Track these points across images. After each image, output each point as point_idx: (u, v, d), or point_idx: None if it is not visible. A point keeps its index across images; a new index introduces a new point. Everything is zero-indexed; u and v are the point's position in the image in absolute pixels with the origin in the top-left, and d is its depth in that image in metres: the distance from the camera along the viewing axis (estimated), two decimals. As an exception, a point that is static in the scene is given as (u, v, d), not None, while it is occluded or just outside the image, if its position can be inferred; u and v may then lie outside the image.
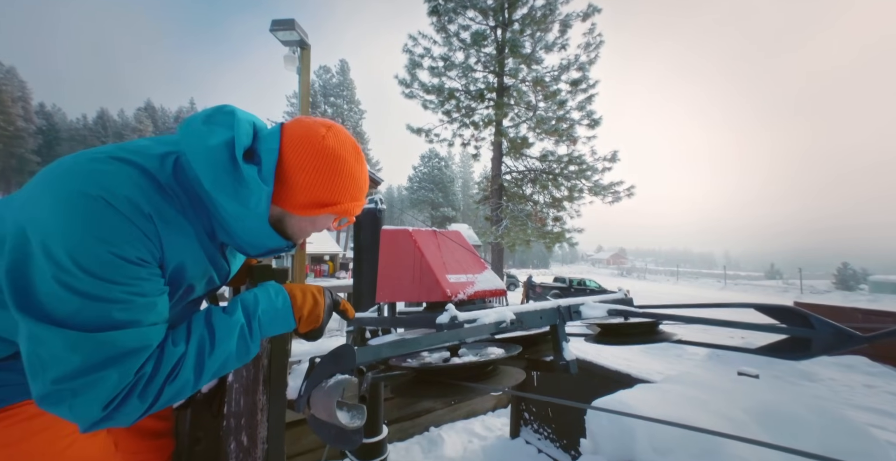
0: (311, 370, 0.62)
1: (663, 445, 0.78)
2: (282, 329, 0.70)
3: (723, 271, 40.08)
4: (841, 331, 0.76)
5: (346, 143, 0.71)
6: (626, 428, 0.85)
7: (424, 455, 2.38)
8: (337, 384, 0.48)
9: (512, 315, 0.91)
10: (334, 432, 0.49)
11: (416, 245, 1.42)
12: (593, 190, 10.92)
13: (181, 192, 0.64)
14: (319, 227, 0.76)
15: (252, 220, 0.67)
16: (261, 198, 0.64)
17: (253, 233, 0.70)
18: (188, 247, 0.66)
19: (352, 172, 0.71)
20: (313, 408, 0.49)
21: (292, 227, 0.73)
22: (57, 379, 0.51)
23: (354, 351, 0.52)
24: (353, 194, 0.72)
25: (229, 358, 0.62)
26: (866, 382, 4.06)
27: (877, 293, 25.36)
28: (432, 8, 11.33)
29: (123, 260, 0.54)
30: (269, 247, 0.74)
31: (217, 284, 0.81)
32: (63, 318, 0.51)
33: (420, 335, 0.79)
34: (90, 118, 64.46)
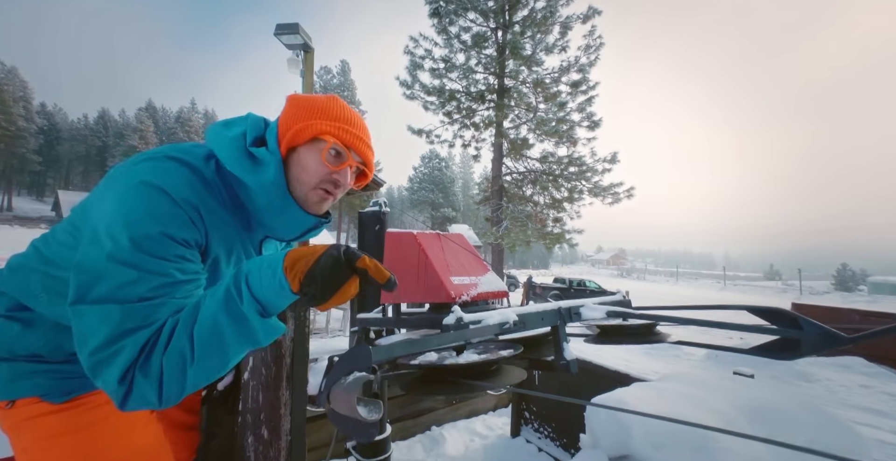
0: (330, 368, 0.66)
1: (658, 440, 0.82)
2: (269, 283, 0.59)
3: (722, 272, 40.12)
4: (827, 332, 0.80)
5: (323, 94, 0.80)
6: (624, 424, 0.89)
7: (426, 453, 2.41)
8: (355, 381, 0.52)
9: (515, 316, 0.95)
10: (353, 425, 0.52)
11: (421, 247, 1.46)
12: (593, 191, 10.97)
13: (223, 189, 0.72)
14: (304, 165, 0.74)
15: (274, 193, 0.73)
16: (270, 166, 0.71)
17: (278, 209, 0.75)
18: (227, 236, 0.73)
19: (320, 101, 0.76)
20: (333, 403, 0.53)
21: (290, 181, 0.75)
22: (92, 351, 0.55)
23: (370, 350, 0.56)
24: (318, 112, 0.73)
25: (218, 321, 0.57)
26: (863, 382, 4.10)
27: (875, 294, 25.46)
28: (433, 10, 11.38)
29: (172, 239, 0.61)
30: (296, 220, 0.77)
31: None
32: (102, 293, 0.56)
33: (426, 335, 0.83)
34: (91, 118, 64.52)
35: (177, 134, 59.43)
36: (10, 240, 28.50)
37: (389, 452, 1.96)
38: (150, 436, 0.80)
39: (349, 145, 0.75)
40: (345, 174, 0.76)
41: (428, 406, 2.79)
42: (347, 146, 0.75)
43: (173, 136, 59.49)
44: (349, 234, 38.85)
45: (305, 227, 0.80)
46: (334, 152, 0.74)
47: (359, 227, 2.09)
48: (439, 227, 40.90)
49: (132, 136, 52.17)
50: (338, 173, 0.75)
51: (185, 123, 61.12)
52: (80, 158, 62.91)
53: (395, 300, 1.55)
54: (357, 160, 0.78)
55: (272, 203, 0.74)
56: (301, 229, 0.80)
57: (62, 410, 0.73)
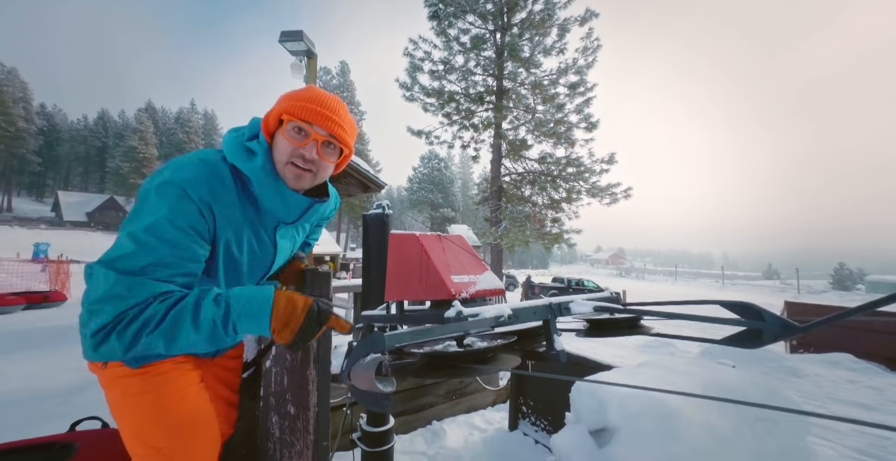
0: (350, 351, 0.76)
1: (630, 413, 0.92)
2: (256, 330, 0.75)
3: (721, 271, 40.24)
4: (785, 322, 0.90)
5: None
6: (602, 400, 0.99)
7: (428, 445, 2.51)
8: (372, 360, 0.62)
9: (509, 310, 1.05)
10: (370, 398, 0.62)
11: (423, 248, 1.55)
12: (591, 191, 11.07)
13: (236, 185, 0.86)
14: (280, 143, 0.85)
15: (264, 176, 0.84)
16: (259, 154, 0.84)
17: (272, 191, 0.86)
18: (237, 225, 0.86)
19: (293, 90, 0.87)
20: (354, 379, 0.63)
21: (274, 157, 0.86)
22: (88, 303, 0.69)
23: (385, 336, 0.66)
24: (294, 95, 0.84)
25: (197, 339, 0.71)
26: (850, 378, 4.21)
27: (873, 293, 25.72)
28: (432, 12, 11.49)
29: (177, 228, 0.75)
30: (289, 200, 0.89)
31: (263, 263, 0.97)
32: (111, 260, 0.71)
33: (430, 327, 0.93)
34: (91, 119, 64.47)
35: (176, 134, 59.46)
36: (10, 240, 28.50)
37: (392, 443, 2.06)
38: (201, 401, 0.94)
39: (310, 120, 0.82)
40: (309, 148, 0.84)
41: (429, 401, 2.89)
42: (308, 121, 0.82)
43: (173, 136, 59.51)
44: (349, 235, 38.94)
45: (300, 207, 0.91)
46: (295, 128, 0.83)
47: (363, 230, 2.18)
48: (439, 228, 41.00)
49: (132, 136, 52.13)
50: (302, 148, 0.83)
51: (185, 124, 61.12)
52: (80, 159, 62.91)
53: (398, 297, 1.65)
54: (322, 133, 0.85)
55: (264, 186, 0.85)
56: (297, 209, 0.91)
57: (137, 374, 0.88)
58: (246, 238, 0.90)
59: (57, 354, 4.19)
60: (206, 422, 0.93)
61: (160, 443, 0.87)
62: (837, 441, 2.73)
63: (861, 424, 0.42)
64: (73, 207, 46.55)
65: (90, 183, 64.70)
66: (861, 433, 2.86)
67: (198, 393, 0.95)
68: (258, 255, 0.94)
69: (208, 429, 0.93)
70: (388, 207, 2.17)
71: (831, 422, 3.09)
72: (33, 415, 2.70)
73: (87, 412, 1.38)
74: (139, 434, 0.88)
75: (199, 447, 0.90)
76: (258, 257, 0.94)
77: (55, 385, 3.31)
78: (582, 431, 0.99)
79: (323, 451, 0.81)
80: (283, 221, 0.95)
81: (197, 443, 0.90)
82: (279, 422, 0.89)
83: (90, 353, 0.69)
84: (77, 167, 64.79)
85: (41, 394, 3.12)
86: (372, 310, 1.89)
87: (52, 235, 34.22)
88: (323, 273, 0.94)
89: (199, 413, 0.92)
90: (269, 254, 0.97)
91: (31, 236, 31.36)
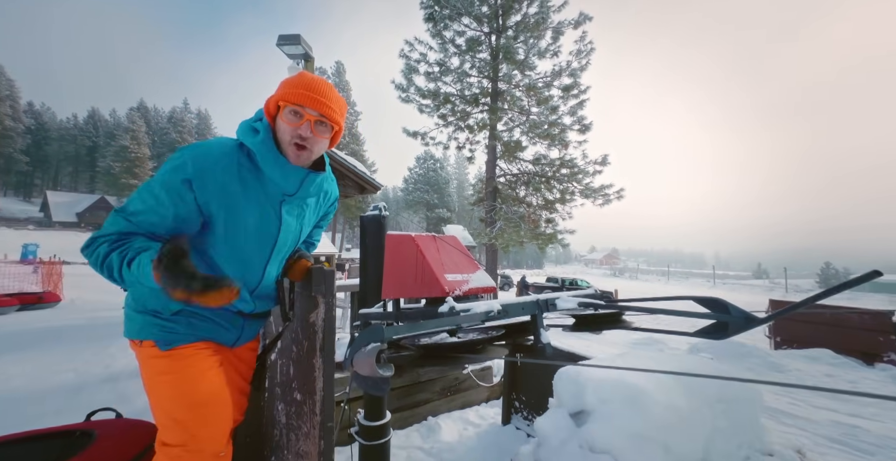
0: (353, 341, 0.83)
1: (604, 396, 1.01)
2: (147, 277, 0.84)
3: (712, 271, 40.78)
4: (748, 315, 1.00)
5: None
6: (580, 385, 1.08)
7: (423, 440, 2.58)
8: (373, 348, 0.70)
9: (499, 306, 1.13)
10: (370, 383, 0.70)
11: (419, 248, 1.63)
12: (584, 192, 11.21)
13: (245, 163, 1.00)
14: (281, 126, 0.97)
15: (265, 149, 0.97)
16: (261, 131, 0.98)
17: (272, 162, 0.97)
18: (235, 195, 0.98)
19: (288, 77, 0.98)
20: (356, 366, 0.70)
21: (280, 144, 0.99)
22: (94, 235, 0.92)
23: (383, 328, 0.74)
24: (290, 82, 0.96)
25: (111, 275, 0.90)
26: (828, 372, 4.42)
27: (857, 292, 26.43)
28: (428, 15, 11.57)
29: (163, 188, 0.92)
30: (288, 171, 0.99)
31: (267, 236, 1.08)
32: (120, 206, 0.93)
33: (426, 321, 1.00)
34: (81, 117, 63.53)
35: (169, 134, 58.82)
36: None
37: (389, 436, 2.13)
38: (218, 383, 1.06)
39: (302, 103, 0.96)
40: (305, 128, 0.97)
41: (425, 398, 2.96)
42: (301, 105, 0.96)
43: (166, 136, 58.85)
44: (344, 235, 38.87)
45: (298, 177, 1.03)
46: (291, 112, 0.97)
47: (360, 231, 2.25)
48: (434, 228, 41.02)
49: (123, 136, 51.42)
50: (299, 128, 0.97)
51: (178, 123, 60.49)
52: (70, 158, 61.94)
53: (395, 296, 1.72)
54: (313, 114, 0.97)
55: (266, 157, 0.98)
56: (296, 179, 1.03)
57: (165, 356, 1.01)
58: (247, 209, 1.01)
59: (55, 354, 4.19)
60: (221, 402, 1.03)
61: (181, 416, 0.98)
62: (813, 431, 2.86)
63: (792, 387, 0.49)
64: (63, 208, 45.80)
65: (80, 183, 63.72)
66: (835, 423, 2.99)
67: (216, 375, 1.06)
68: (261, 227, 1.05)
69: (223, 408, 1.03)
70: (384, 209, 2.24)
71: (808, 414, 3.22)
72: (40, 411, 2.73)
73: (91, 409, 1.43)
74: (163, 407, 1.00)
75: (214, 422, 1.01)
76: (262, 229, 1.05)
77: (56, 384, 3.33)
78: (563, 414, 1.08)
79: (328, 431, 0.88)
80: (287, 193, 1.05)
81: (212, 418, 1.01)
82: (286, 409, 0.96)
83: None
84: (66, 167, 63.79)
85: (44, 392, 3.14)
86: (369, 308, 1.96)
87: (41, 236, 33.64)
88: (328, 271, 1.01)
89: (215, 393, 1.03)
90: (274, 227, 1.07)
91: (19, 237, 30.80)
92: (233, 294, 0.80)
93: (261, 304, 1.17)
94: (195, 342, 1.05)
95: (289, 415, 0.98)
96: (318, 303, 0.96)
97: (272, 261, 1.12)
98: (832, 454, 2.53)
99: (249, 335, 1.19)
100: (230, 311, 1.11)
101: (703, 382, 1.05)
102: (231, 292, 0.79)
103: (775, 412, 3.25)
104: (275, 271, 1.16)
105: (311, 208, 1.20)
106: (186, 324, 1.04)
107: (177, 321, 1.03)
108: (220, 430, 1.02)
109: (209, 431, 1.00)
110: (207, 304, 0.79)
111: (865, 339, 5.05)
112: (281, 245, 1.11)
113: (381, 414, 2.03)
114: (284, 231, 1.10)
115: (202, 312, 1.06)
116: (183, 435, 0.98)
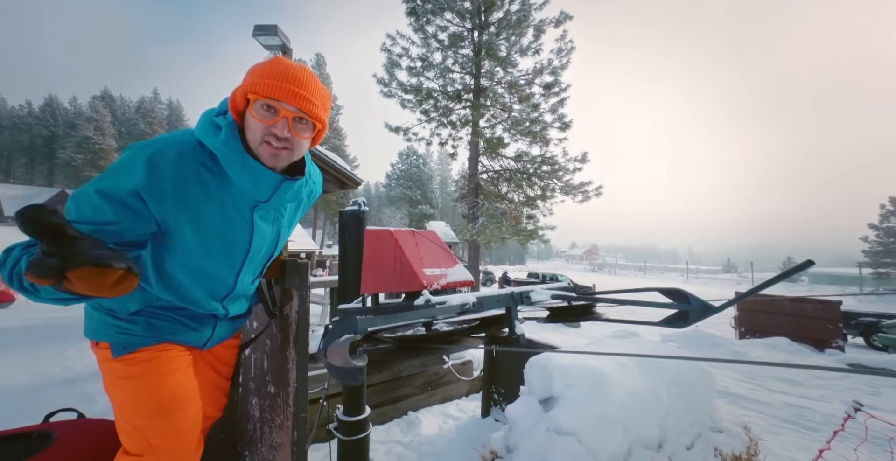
0: (327, 333, 0.83)
1: (570, 382, 1.07)
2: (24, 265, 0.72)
3: (686, 266, 42.52)
4: (705, 304, 1.07)
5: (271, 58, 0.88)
6: (548, 373, 1.13)
7: (403, 434, 2.60)
8: (346, 339, 0.70)
9: (474, 298, 1.16)
10: (344, 373, 0.71)
11: (397, 243, 1.64)
12: (564, 189, 11.43)
13: (207, 164, 0.86)
14: (249, 124, 0.83)
15: (228, 150, 0.83)
16: (223, 129, 0.83)
17: (239, 166, 0.84)
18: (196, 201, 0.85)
19: (259, 64, 0.84)
20: (330, 357, 0.71)
21: (249, 142, 0.85)
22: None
23: (357, 319, 0.75)
24: (260, 71, 0.81)
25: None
26: (784, 358, 4.80)
27: (814, 284, 28.61)
28: (410, 9, 11.43)
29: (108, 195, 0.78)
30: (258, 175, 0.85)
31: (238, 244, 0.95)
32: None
33: (401, 312, 1.02)
34: (36, 105, 59.35)
35: (138, 125, 55.81)
36: (-55, 238, 25.96)
37: (368, 431, 2.14)
38: (182, 389, 0.98)
39: (278, 97, 0.79)
40: (280, 127, 0.82)
41: (405, 393, 2.98)
42: (276, 98, 0.79)
43: (134, 127, 55.80)
44: (325, 231, 38.17)
45: (270, 182, 0.87)
46: (264, 107, 0.81)
47: (339, 226, 2.23)
48: (417, 224, 40.88)
49: (86, 125, 48.34)
50: (273, 127, 0.81)
51: (147, 114, 57.47)
52: (24, 149, 57.77)
53: (374, 290, 1.72)
54: (291, 110, 0.82)
55: (231, 161, 0.83)
56: (268, 186, 0.88)
57: (120, 361, 0.94)
58: (210, 219, 0.88)
59: (8, 356, 3.95)
60: (184, 409, 0.96)
61: (139, 424, 0.93)
62: (769, 413, 3.08)
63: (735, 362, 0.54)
64: (16, 202, 42.69)
65: (36, 175, 59.64)
66: (787, 405, 3.24)
67: (180, 382, 0.98)
68: (229, 238, 0.92)
69: (185, 416, 0.96)
70: (363, 204, 2.23)
71: (764, 398, 3.46)
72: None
73: (51, 410, 1.36)
74: (122, 412, 0.95)
75: (174, 432, 0.94)
76: (230, 240, 0.93)
77: (11, 386, 3.15)
78: (532, 401, 1.12)
79: (301, 422, 0.88)
80: (258, 200, 0.91)
81: (172, 428, 0.94)
82: (259, 403, 0.95)
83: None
84: (20, 158, 59.51)
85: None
86: (349, 303, 1.96)
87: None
88: (301, 263, 1.00)
89: (178, 401, 0.96)
90: (244, 235, 0.94)
91: (-30, 233, 28.59)
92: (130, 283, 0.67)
93: (235, 308, 1.07)
94: (156, 345, 0.96)
95: (262, 408, 0.97)
96: (292, 295, 0.95)
97: (245, 270, 1.01)
98: (785, 433, 2.73)
99: (224, 335, 1.08)
100: (199, 313, 1.00)
101: (662, 367, 1.12)
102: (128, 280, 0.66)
103: (736, 397, 3.47)
104: (250, 278, 1.05)
105: (292, 210, 1.07)
106: (145, 326, 0.94)
107: (134, 322, 0.93)
108: (182, 441, 0.95)
109: (168, 442, 0.93)
110: (77, 291, 0.64)
111: (818, 327, 5.51)
112: (255, 253, 0.99)
113: (361, 409, 2.04)
114: (258, 239, 0.97)
115: (165, 313, 0.96)
116: (141, 444, 0.92)
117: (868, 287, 27.72)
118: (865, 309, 9.02)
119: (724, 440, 1.22)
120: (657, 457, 0.96)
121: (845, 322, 6.87)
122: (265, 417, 0.97)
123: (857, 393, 3.81)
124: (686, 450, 1.03)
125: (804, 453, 2.36)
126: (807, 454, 2.31)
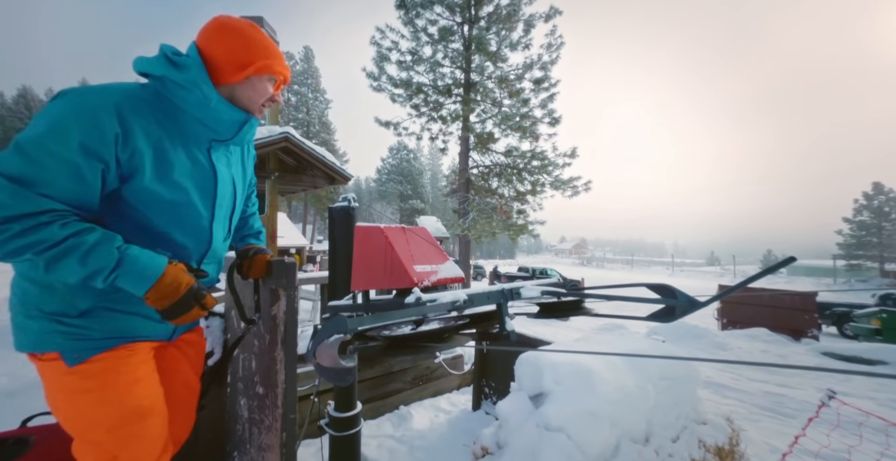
0: (316, 333, 0.82)
1: (559, 378, 1.08)
2: (131, 289, 0.78)
3: (671, 259, 43.51)
4: (691, 299, 1.09)
5: (235, 18, 0.95)
6: (538, 369, 1.15)
7: (395, 429, 2.62)
8: (335, 340, 0.70)
9: (465, 295, 1.16)
10: (334, 374, 0.70)
11: (388, 240, 1.62)
12: (554, 184, 11.52)
13: (160, 107, 0.85)
14: (260, 91, 0.96)
15: (202, 90, 0.86)
16: (192, 67, 0.86)
17: (211, 106, 0.88)
18: (157, 138, 0.83)
19: (252, 34, 0.93)
20: (318, 358, 0.70)
21: (241, 99, 0.95)
22: None
23: (346, 320, 0.74)
24: (264, 52, 0.94)
25: (73, 274, 0.72)
26: (763, 348, 5.04)
27: (792, 276, 29.86)
28: (400, 2, 11.24)
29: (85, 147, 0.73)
30: (231, 117, 0.93)
31: (205, 189, 0.95)
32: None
33: (391, 311, 1.01)
34: (9, 96, 56.77)
35: (116, 118, 53.81)
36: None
37: (359, 427, 2.14)
38: (146, 397, 0.91)
39: (278, 74, 0.98)
40: (279, 93, 1.02)
41: (396, 387, 2.99)
42: (281, 73, 0.98)
43: (112, 119, 53.77)
44: (315, 227, 37.76)
45: (236, 121, 0.94)
46: (269, 79, 0.97)
47: (329, 222, 2.20)
48: (408, 219, 40.74)
49: (62, 118, 46.41)
50: (276, 94, 1.01)
51: (126, 106, 55.44)
52: (-3, 143, 55.47)
53: (364, 287, 1.71)
54: (282, 78, 1.01)
55: (198, 96, 0.86)
56: (234, 124, 0.94)
57: (74, 373, 0.84)
58: (176, 159, 0.87)
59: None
60: (149, 416, 0.90)
61: (99, 438, 0.85)
62: (749, 401, 3.21)
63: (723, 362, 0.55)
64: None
65: (12, 170, 57.15)
66: (766, 393, 3.39)
67: (143, 390, 0.91)
68: (196, 178, 0.91)
69: (152, 421, 0.91)
70: (353, 200, 2.20)
71: (745, 387, 3.60)
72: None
73: (27, 414, 1.31)
74: (76, 428, 0.87)
75: (140, 442, 0.88)
76: (197, 180, 0.91)
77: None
78: (523, 397, 1.14)
79: (290, 423, 0.87)
80: (216, 139, 0.94)
81: (137, 438, 0.88)
82: (248, 404, 0.94)
83: None
84: (-6, 152, 56.98)
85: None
86: (339, 300, 1.94)
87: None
88: (289, 263, 0.98)
89: (145, 409, 0.90)
90: (209, 176, 0.95)
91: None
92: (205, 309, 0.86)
93: (211, 271, 1.03)
94: (116, 347, 0.87)
95: (251, 409, 0.96)
96: (280, 295, 0.94)
97: (217, 218, 0.99)
98: (763, 420, 2.85)
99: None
100: None
101: (649, 362, 1.15)
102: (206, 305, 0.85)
103: (718, 387, 3.59)
104: (222, 233, 1.03)
105: (237, 158, 1.09)
106: (102, 323, 0.85)
107: (88, 322, 0.84)
108: (148, 449, 0.89)
109: (133, 452, 0.87)
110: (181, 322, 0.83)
111: (794, 318, 5.79)
112: (221, 198, 0.99)
113: (352, 404, 2.03)
114: (221, 182, 0.98)
115: (123, 306, 0.87)
116: (102, 457, 0.85)
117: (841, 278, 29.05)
118: (838, 299, 9.82)
119: (707, 432, 1.26)
120: (644, 450, 0.99)
121: (820, 312, 7.32)
122: (254, 418, 0.96)
123: (830, 380, 4.00)
124: (672, 443, 1.07)
125: (782, 438, 2.47)
126: (784, 439, 2.41)
